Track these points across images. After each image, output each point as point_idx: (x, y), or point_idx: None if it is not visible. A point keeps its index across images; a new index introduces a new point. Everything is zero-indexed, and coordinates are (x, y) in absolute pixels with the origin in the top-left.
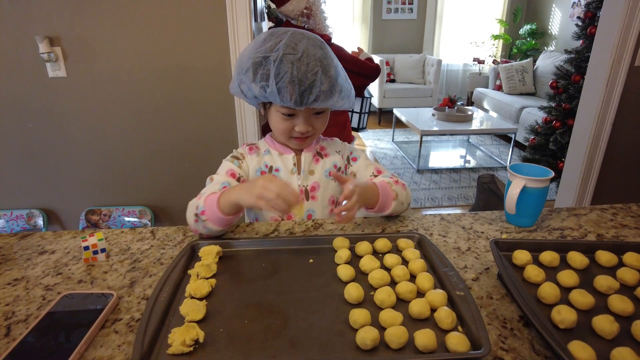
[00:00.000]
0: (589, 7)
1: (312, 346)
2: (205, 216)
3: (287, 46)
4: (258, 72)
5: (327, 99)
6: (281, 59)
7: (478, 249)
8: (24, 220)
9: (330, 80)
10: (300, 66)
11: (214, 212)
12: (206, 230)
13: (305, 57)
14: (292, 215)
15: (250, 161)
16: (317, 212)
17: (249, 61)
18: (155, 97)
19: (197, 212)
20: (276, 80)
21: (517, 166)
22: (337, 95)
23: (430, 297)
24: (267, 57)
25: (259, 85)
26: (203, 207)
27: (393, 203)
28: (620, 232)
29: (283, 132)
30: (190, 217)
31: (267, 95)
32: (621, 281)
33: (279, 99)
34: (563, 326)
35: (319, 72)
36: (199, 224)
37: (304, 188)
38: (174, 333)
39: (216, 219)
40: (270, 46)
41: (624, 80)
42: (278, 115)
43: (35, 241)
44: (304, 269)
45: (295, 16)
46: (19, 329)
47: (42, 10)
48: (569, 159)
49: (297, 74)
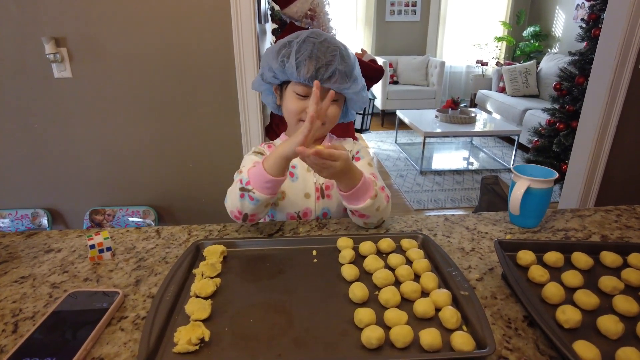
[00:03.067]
0: (593, 9)
1: (317, 345)
2: (251, 185)
3: (312, 32)
4: (281, 52)
5: (342, 82)
6: (304, 39)
7: (482, 250)
8: (28, 220)
9: (346, 65)
10: (321, 47)
11: (262, 177)
12: (253, 203)
13: (326, 42)
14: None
15: None
16: (332, 210)
17: (276, 46)
18: (159, 98)
19: (242, 185)
20: (296, 56)
21: (522, 167)
22: (351, 82)
23: (434, 297)
24: (291, 41)
25: (279, 61)
26: (247, 178)
27: (368, 200)
28: (625, 234)
29: (295, 113)
30: (235, 196)
31: (285, 70)
32: (626, 282)
33: (296, 74)
34: (568, 326)
35: (337, 54)
36: (245, 198)
37: (320, 186)
38: (179, 332)
39: (264, 184)
40: (297, 34)
41: (628, 82)
42: (292, 96)
43: (42, 240)
44: (308, 268)
45: (299, 17)
46: (26, 326)
47: (48, 11)
48: (573, 161)
49: (317, 52)
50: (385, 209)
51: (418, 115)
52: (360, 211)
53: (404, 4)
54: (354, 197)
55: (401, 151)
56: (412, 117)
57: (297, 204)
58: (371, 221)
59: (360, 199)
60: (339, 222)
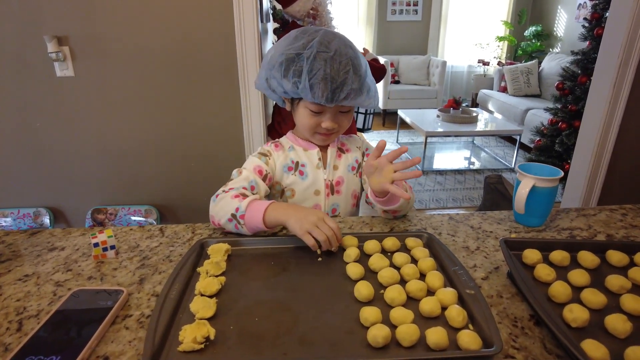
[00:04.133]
0: (596, 8)
1: (323, 344)
2: (244, 220)
3: (321, 44)
4: (290, 68)
5: (357, 97)
6: (315, 56)
7: (487, 249)
8: (30, 219)
9: (360, 80)
10: (333, 64)
11: (256, 222)
12: (235, 230)
13: (338, 56)
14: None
15: (277, 158)
16: (341, 206)
17: (280, 57)
18: (161, 97)
19: (235, 213)
20: (309, 76)
21: (526, 166)
22: (365, 94)
23: (440, 296)
24: (300, 54)
25: (291, 81)
26: (244, 211)
27: (401, 200)
28: (631, 233)
29: (309, 128)
30: (224, 213)
31: (299, 91)
32: (633, 281)
33: (311, 96)
34: (575, 325)
35: (350, 70)
36: (232, 223)
37: (330, 182)
38: (184, 330)
39: (254, 227)
40: (303, 44)
41: (632, 81)
42: (306, 112)
43: (45, 238)
44: (313, 267)
45: (301, 17)
46: (30, 324)
47: (50, 10)
48: (575, 161)
49: (330, 72)
50: (412, 199)
51: (419, 114)
52: (394, 209)
53: (405, 4)
54: (389, 201)
55: None
56: (413, 117)
57: (308, 200)
58: (401, 213)
59: (394, 201)
60: (343, 221)
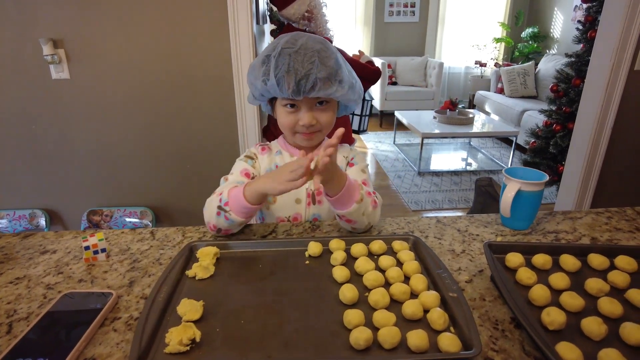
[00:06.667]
0: (589, 11)
1: (307, 346)
2: (229, 207)
3: (287, 42)
4: (262, 69)
5: (326, 88)
6: (279, 52)
7: (472, 252)
8: (26, 220)
9: (328, 70)
10: (297, 57)
11: (240, 202)
12: (227, 222)
13: (303, 50)
14: (299, 217)
15: (262, 161)
16: (322, 216)
17: (256, 62)
18: (157, 99)
19: (220, 204)
20: (275, 72)
21: (513, 170)
22: (336, 84)
23: (423, 298)
24: (269, 55)
25: (261, 80)
26: (227, 199)
27: (354, 204)
28: (614, 236)
29: (288, 127)
30: (212, 211)
31: (268, 88)
32: (612, 284)
33: (279, 90)
34: (552, 327)
35: (315, 61)
36: (221, 216)
37: (311, 192)
38: (171, 332)
39: (241, 209)
40: (274, 46)
41: (624, 84)
42: (282, 110)
43: (37, 241)
44: (300, 270)
45: (297, 19)
46: (20, 327)
47: (46, 13)
48: (569, 163)
49: (294, 65)
50: (372, 214)
51: (416, 116)
52: (347, 216)
53: (402, 5)
54: (339, 202)
55: (399, 152)
56: (410, 118)
57: (288, 208)
58: (358, 226)
59: (346, 204)
60: (331, 224)
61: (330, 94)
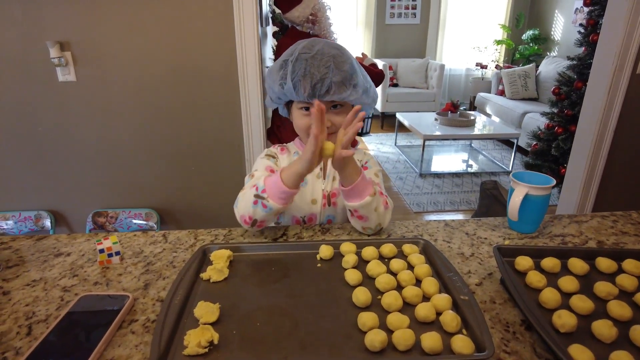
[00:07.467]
0: (592, 14)
1: (322, 348)
2: (267, 194)
3: (304, 47)
4: (279, 74)
5: (341, 92)
6: (297, 57)
7: (481, 255)
8: (32, 222)
9: (343, 74)
10: (314, 62)
11: (278, 187)
12: (265, 211)
13: (319, 55)
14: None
15: (282, 161)
16: (336, 218)
17: (274, 67)
18: (162, 101)
19: (257, 192)
20: (292, 77)
21: (520, 174)
22: (350, 88)
23: (435, 301)
24: (287, 60)
25: (278, 83)
26: (263, 186)
27: (367, 197)
28: (621, 239)
29: (304, 130)
30: (248, 201)
31: (285, 92)
32: (620, 287)
33: (295, 94)
34: (564, 330)
35: (331, 65)
36: (258, 205)
37: (327, 193)
38: (189, 335)
39: (279, 194)
40: (291, 51)
41: (626, 87)
42: (298, 113)
43: (51, 243)
44: (313, 273)
45: (301, 22)
46: (39, 329)
47: (53, 16)
48: (571, 165)
49: (311, 69)
50: (383, 213)
51: (417, 118)
52: (360, 210)
53: (404, 7)
54: (354, 192)
55: (401, 154)
56: (411, 120)
57: (304, 208)
58: (369, 225)
59: (360, 194)
60: (341, 227)
61: (345, 97)
